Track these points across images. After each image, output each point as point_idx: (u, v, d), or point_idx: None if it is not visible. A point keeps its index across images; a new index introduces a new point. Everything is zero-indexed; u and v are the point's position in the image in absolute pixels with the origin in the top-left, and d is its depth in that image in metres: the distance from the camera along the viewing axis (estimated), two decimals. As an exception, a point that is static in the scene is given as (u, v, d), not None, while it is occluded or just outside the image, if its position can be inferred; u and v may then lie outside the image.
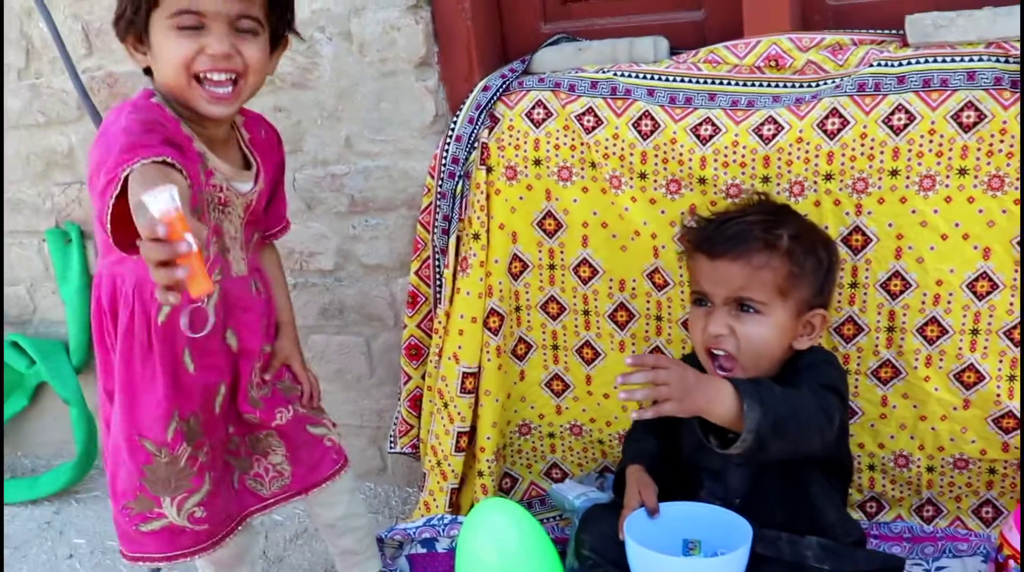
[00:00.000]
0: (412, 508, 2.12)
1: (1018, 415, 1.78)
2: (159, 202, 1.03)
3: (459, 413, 1.94)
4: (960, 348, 1.77)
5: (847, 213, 1.73)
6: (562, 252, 1.89)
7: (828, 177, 1.72)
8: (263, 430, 1.63)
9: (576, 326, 1.94)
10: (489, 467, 1.98)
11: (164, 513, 1.52)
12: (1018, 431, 1.79)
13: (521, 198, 1.87)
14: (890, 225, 1.72)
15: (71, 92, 2.27)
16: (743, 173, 1.76)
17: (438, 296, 1.97)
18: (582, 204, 1.85)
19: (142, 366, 1.46)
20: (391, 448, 2.13)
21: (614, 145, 1.82)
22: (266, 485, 1.66)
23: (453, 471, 1.97)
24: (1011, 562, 1.64)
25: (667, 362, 1.35)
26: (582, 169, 1.85)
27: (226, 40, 1.37)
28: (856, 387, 1.84)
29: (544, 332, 1.97)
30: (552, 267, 1.91)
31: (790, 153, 1.73)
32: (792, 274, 1.50)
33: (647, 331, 1.91)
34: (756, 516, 1.53)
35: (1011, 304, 1.73)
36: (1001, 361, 1.77)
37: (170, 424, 1.47)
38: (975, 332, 1.76)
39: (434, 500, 2.00)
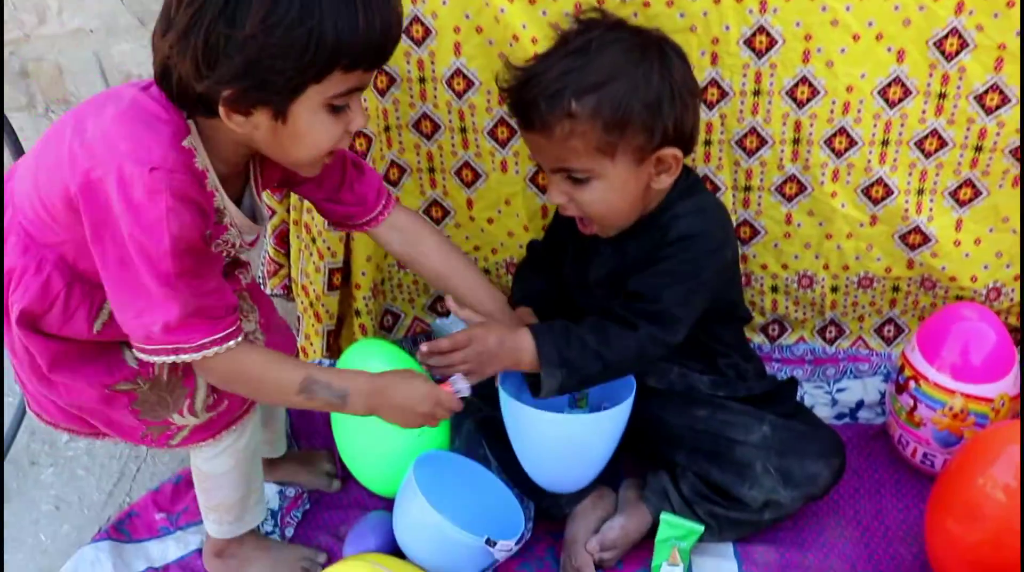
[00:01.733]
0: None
1: (925, 231, 1.67)
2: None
3: (328, 248, 1.79)
4: (869, 161, 1.64)
5: (750, 11, 1.54)
6: (432, 63, 1.67)
7: (728, -31, 1.51)
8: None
9: (453, 145, 1.75)
10: (367, 305, 1.85)
11: (182, 425, 1.34)
12: (924, 247, 1.69)
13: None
14: (797, 24, 1.54)
15: None
16: None
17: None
18: (452, 6, 1.62)
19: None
20: (262, 288, 1.96)
21: None
22: None
23: (328, 312, 1.83)
24: (911, 383, 1.57)
25: (463, 339, 1.34)
26: None
27: (361, 110, 1.19)
28: (759, 205, 1.72)
29: (418, 154, 1.78)
30: (423, 80, 1.69)
31: None
32: (609, 131, 1.31)
33: None
34: None
35: (923, 112, 1.59)
36: (910, 174, 1.65)
37: (124, 354, 1.27)
38: (885, 143, 1.63)
39: (310, 344, 1.88)
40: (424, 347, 1.35)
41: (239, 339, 1.20)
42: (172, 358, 1.16)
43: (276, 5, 1.03)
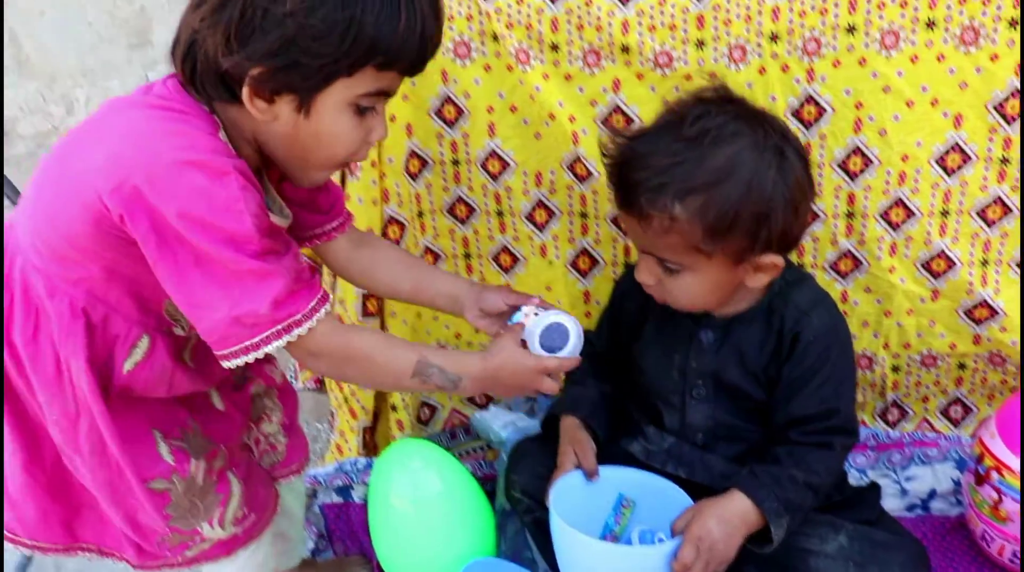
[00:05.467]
0: (324, 448, 1.89)
1: (992, 304, 1.57)
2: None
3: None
4: (928, 233, 1.55)
5: (797, 80, 1.48)
6: (466, 144, 1.62)
7: (774, 38, 1.47)
8: (261, 383, 1.36)
9: (489, 229, 1.68)
10: (403, 399, 1.76)
11: (207, 537, 1.23)
12: (991, 322, 1.59)
13: (412, 83, 1.58)
14: (847, 92, 1.48)
15: None
16: (673, 37, 1.49)
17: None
18: (485, 85, 1.57)
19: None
20: (293, 382, 1.83)
21: (518, 11, 1.52)
22: (255, 459, 1.38)
23: (363, 407, 1.74)
24: (993, 474, 1.45)
25: (689, 555, 1.22)
26: (482, 43, 1.56)
27: (384, 121, 1.13)
28: (811, 282, 1.62)
29: (453, 239, 1.71)
30: (456, 163, 1.64)
31: (728, 10, 1.46)
32: (710, 235, 1.20)
33: (571, 231, 1.66)
34: (718, 452, 1.38)
35: (984, 179, 1.51)
36: (973, 245, 1.56)
37: (159, 446, 1.17)
38: (945, 214, 1.55)
39: (345, 442, 1.78)
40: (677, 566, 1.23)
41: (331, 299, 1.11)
42: (285, 339, 1.05)
43: None
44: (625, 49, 1.50)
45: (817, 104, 1.49)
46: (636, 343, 1.47)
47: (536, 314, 1.23)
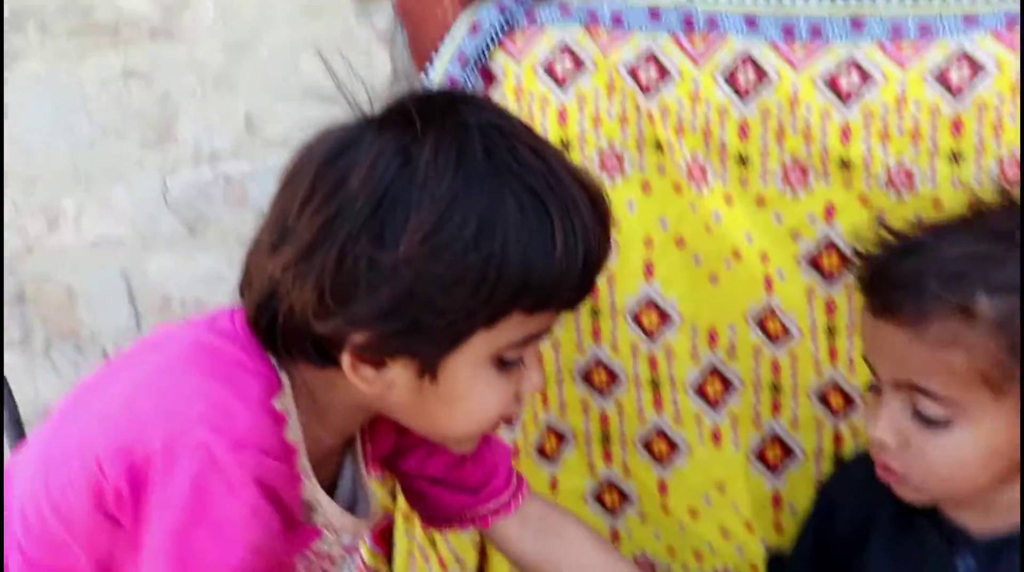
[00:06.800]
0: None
1: None
2: None
3: (454, 555, 1.38)
4: None
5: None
6: (611, 288, 1.30)
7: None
8: None
9: (640, 405, 1.35)
10: None
11: None
12: None
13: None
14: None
15: None
16: (915, 149, 1.15)
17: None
18: (642, 210, 1.28)
19: None
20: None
21: (692, 112, 1.23)
22: None
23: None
24: None
25: None
26: (640, 154, 1.27)
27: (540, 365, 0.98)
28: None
29: (587, 416, 1.39)
30: (596, 313, 1.33)
31: (999, 108, 1.12)
32: (1013, 353, 0.96)
33: (757, 410, 1.31)
34: None
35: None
36: None
37: None
38: None
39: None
40: None
41: None
42: None
43: (444, 220, 0.79)
44: (845, 164, 1.18)
45: None
46: (858, 558, 1.15)
47: None
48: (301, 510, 0.95)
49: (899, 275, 0.99)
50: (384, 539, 1.44)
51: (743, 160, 1.20)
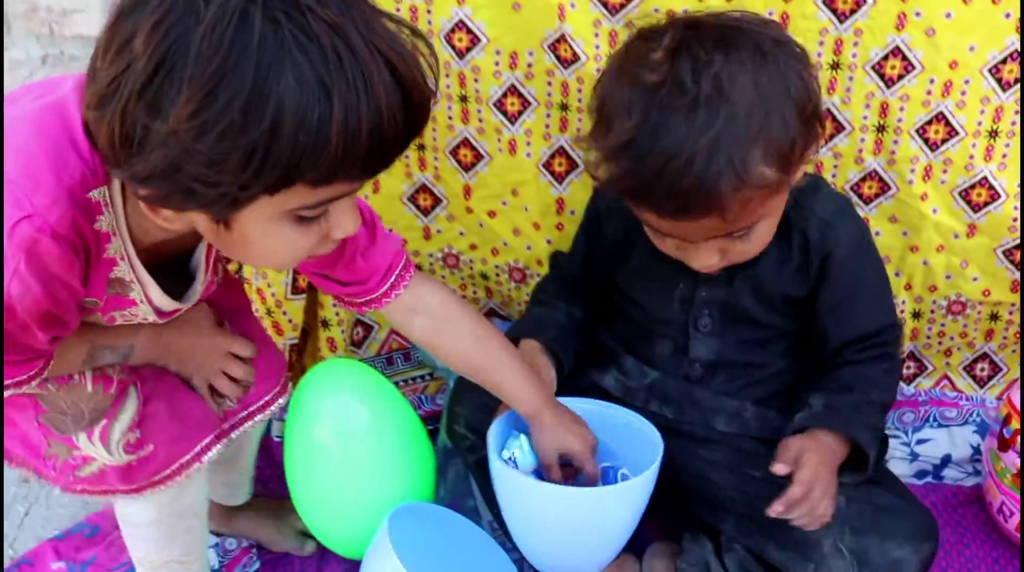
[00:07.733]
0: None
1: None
2: None
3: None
4: (971, 156, 1.32)
5: (834, -40, 1.22)
6: (429, 11, 1.36)
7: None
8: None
9: (450, 118, 1.43)
10: (336, 314, 1.55)
11: (88, 456, 1.07)
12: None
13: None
14: (893, -22, 1.22)
15: None
16: None
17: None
18: None
19: None
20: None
21: None
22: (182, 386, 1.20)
23: (291, 321, 1.53)
24: (1019, 438, 1.27)
25: (800, 493, 1.10)
26: None
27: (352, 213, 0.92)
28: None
29: None
30: (415, 34, 1.36)
31: None
32: (782, 167, 1.06)
33: (548, 125, 1.40)
34: (712, 386, 1.29)
35: (1047, 95, 1.27)
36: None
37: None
38: (993, 134, 1.31)
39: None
40: (780, 507, 1.09)
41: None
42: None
43: (211, 99, 0.74)
44: None
45: (857, -9, 1.24)
46: (621, 268, 1.31)
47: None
48: (108, 283, 0.97)
49: (674, 193, 1.02)
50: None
51: None
